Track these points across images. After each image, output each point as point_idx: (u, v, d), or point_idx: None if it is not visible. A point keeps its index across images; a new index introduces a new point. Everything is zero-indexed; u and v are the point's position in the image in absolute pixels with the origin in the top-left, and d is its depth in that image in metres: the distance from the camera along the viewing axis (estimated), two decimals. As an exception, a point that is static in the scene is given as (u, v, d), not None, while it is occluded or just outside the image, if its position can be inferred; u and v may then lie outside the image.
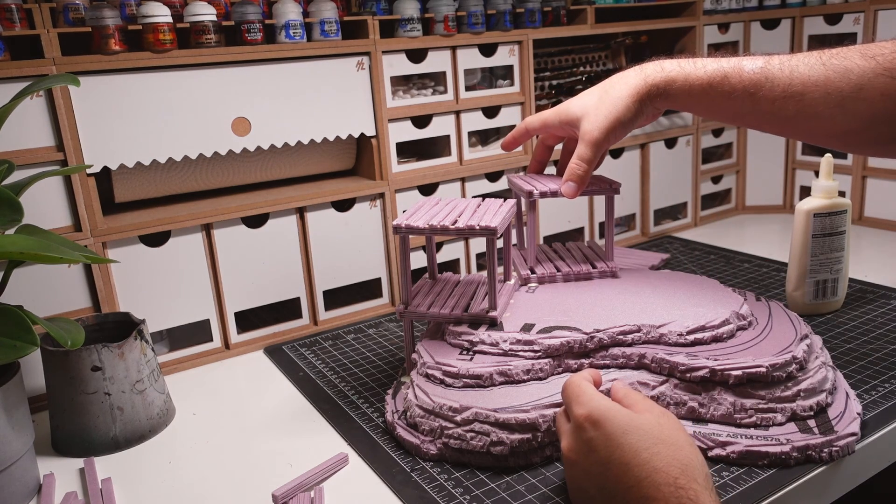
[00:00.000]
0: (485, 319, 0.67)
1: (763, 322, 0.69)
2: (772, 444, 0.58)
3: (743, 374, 0.60)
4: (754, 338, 0.65)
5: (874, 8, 1.15)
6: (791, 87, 0.62)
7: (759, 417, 0.60)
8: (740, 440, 0.59)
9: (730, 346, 0.64)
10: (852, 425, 0.60)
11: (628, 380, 0.62)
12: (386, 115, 0.94)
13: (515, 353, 0.64)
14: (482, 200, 0.73)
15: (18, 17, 0.74)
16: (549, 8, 1.07)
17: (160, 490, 0.62)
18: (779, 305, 0.73)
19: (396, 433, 0.65)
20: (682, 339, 0.64)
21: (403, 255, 0.69)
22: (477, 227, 0.65)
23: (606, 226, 0.78)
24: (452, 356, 0.65)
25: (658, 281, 0.76)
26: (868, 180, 1.21)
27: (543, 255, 0.83)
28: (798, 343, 0.63)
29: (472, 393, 0.61)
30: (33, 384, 0.76)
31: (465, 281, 0.76)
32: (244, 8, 0.83)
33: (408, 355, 0.72)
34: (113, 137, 0.78)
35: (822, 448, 0.58)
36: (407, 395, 0.66)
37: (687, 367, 0.61)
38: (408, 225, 0.67)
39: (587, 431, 0.51)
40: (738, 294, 0.74)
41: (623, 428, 0.49)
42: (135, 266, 0.81)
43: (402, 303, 0.70)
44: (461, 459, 0.61)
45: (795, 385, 0.61)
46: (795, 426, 0.60)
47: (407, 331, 0.73)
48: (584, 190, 0.73)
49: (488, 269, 0.66)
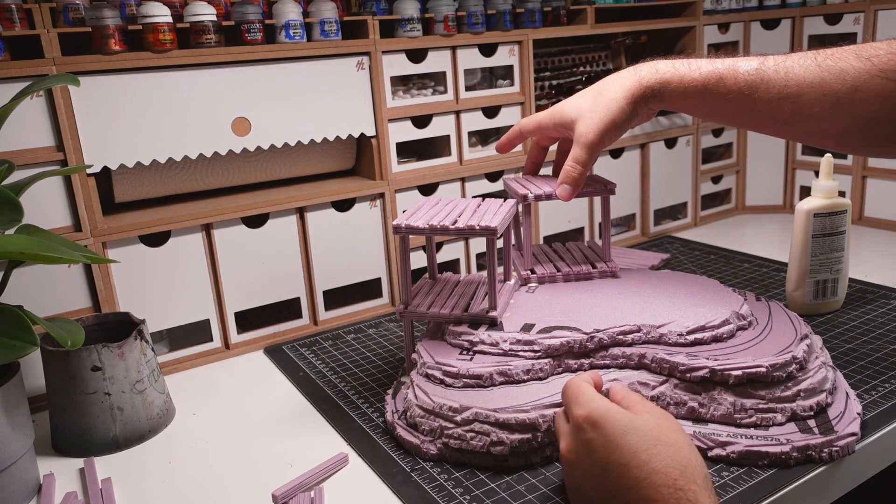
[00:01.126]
0: (485, 319, 0.67)
1: (763, 322, 0.69)
2: (772, 444, 0.58)
3: (743, 374, 0.60)
4: (754, 338, 0.65)
5: (874, 8, 1.15)
6: (786, 89, 0.62)
7: (759, 417, 0.60)
8: (740, 440, 0.59)
9: (730, 346, 0.64)
10: (852, 425, 0.60)
11: (628, 380, 0.62)
12: (386, 115, 0.94)
13: (515, 353, 0.64)
14: (482, 200, 0.73)
15: (18, 17, 0.74)
16: (549, 8, 1.07)
17: (160, 490, 0.62)
18: (779, 305, 0.73)
19: (396, 433, 0.65)
20: (682, 339, 0.64)
21: (403, 255, 0.69)
22: (477, 227, 0.65)
23: (603, 226, 0.78)
24: (452, 356, 0.65)
25: (658, 281, 0.76)
26: (868, 180, 1.21)
27: (543, 256, 0.83)
28: (798, 343, 0.63)
29: (472, 393, 0.61)
30: (33, 384, 0.76)
31: (465, 281, 0.76)
32: (244, 8, 0.83)
33: (408, 355, 0.72)
34: (113, 137, 0.78)
35: (823, 448, 0.58)
36: (407, 396, 0.66)
37: (687, 367, 0.61)
38: (408, 225, 0.67)
39: (586, 432, 0.51)
40: (738, 294, 0.74)
41: (622, 429, 0.49)
42: (135, 266, 0.81)
43: (402, 303, 0.70)
44: (461, 459, 0.61)
45: (795, 385, 0.61)
46: (795, 426, 0.60)
47: (407, 331, 0.73)
48: (580, 192, 0.73)
49: (488, 269, 0.66)
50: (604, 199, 0.78)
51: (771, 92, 0.63)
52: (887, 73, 0.57)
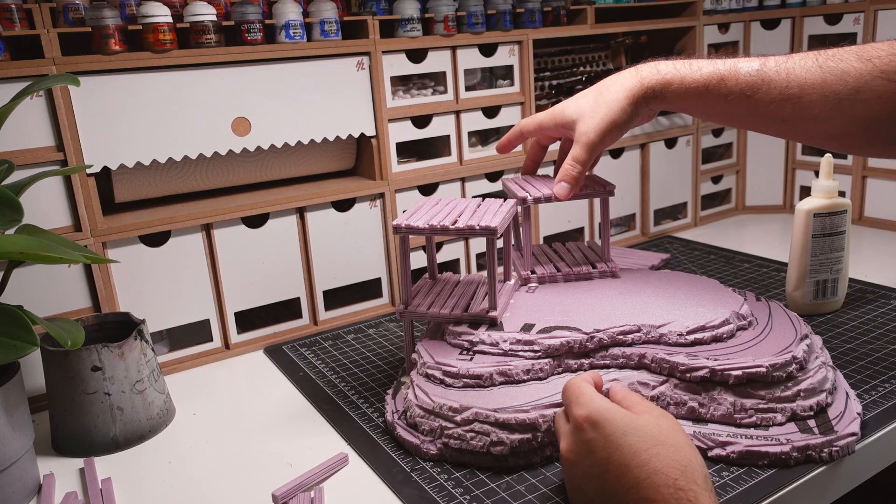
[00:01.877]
0: (485, 319, 0.67)
1: (763, 322, 0.69)
2: (772, 444, 0.58)
3: (743, 374, 0.60)
4: (754, 338, 0.65)
5: (874, 8, 1.15)
6: (788, 90, 0.62)
7: (759, 417, 0.60)
8: (740, 440, 0.59)
9: (730, 346, 0.64)
10: (852, 425, 0.60)
11: (628, 380, 0.62)
12: (386, 115, 0.94)
13: (515, 353, 0.64)
14: (482, 200, 0.73)
15: (18, 17, 0.74)
16: (549, 8, 1.07)
17: (160, 490, 0.62)
18: (779, 305, 0.73)
19: (396, 433, 0.65)
20: (682, 339, 0.64)
21: (403, 255, 0.69)
22: (477, 227, 0.65)
23: (603, 227, 0.78)
24: (452, 356, 0.65)
25: (658, 281, 0.76)
26: (868, 180, 1.21)
27: (543, 256, 0.83)
28: (798, 343, 0.63)
29: (472, 393, 0.61)
30: (33, 384, 0.76)
31: (465, 281, 0.76)
32: (244, 8, 0.83)
33: (408, 355, 0.72)
34: (113, 137, 0.78)
35: (822, 448, 0.58)
36: (407, 395, 0.66)
37: (687, 367, 0.61)
38: (408, 225, 0.67)
39: (586, 432, 0.51)
40: (738, 294, 0.74)
41: (622, 429, 0.49)
42: (135, 266, 0.81)
43: (402, 303, 0.70)
44: (461, 459, 0.61)
45: (795, 385, 0.61)
46: (795, 426, 0.60)
47: (407, 331, 0.72)
48: (579, 192, 0.73)
49: (488, 269, 0.66)
50: (603, 200, 0.78)
51: (772, 93, 0.63)
52: (889, 74, 0.57)
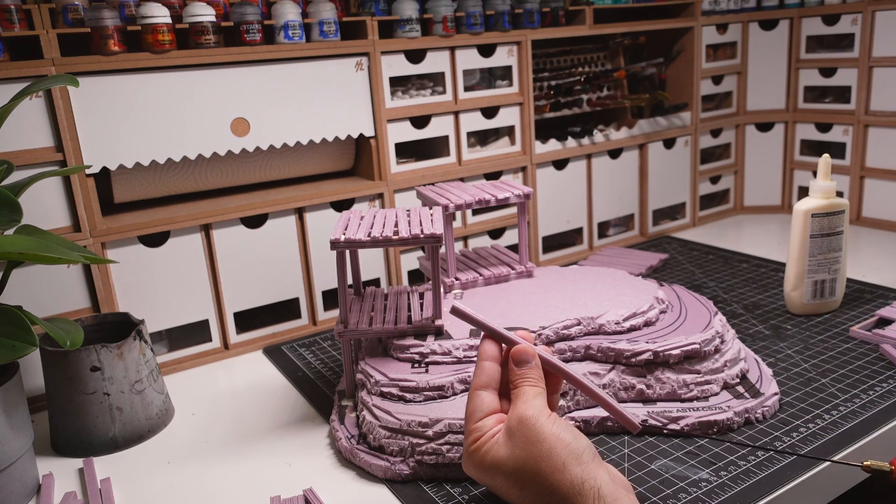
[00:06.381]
0: (431, 329, 0.67)
1: (677, 305, 0.74)
2: (717, 412, 0.63)
3: (681, 353, 0.65)
4: (676, 320, 0.71)
5: (872, 9, 1.15)
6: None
7: (700, 390, 0.65)
8: (690, 413, 0.63)
9: (659, 329, 0.69)
10: (773, 385, 0.68)
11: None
12: (385, 115, 0.94)
13: (470, 359, 0.64)
14: (409, 210, 0.73)
15: (18, 17, 0.74)
16: (547, 8, 1.07)
17: (159, 490, 0.62)
18: (682, 288, 0.79)
19: (360, 459, 0.61)
20: (620, 326, 0.68)
21: (341, 271, 0.65)
22: (422, 236, 0.65)
23: (520, 231, 0.81)
24: (406, 370, 0.64)
25: (574, 276, 0.80)
26: (866, 180, 1.21)
27: (461, 263, 0.85)
28: (714, 318, 0.70)
29: (435, 405, 0.61)
30: (33, 384, 0.77)
31: (392, 292, 0.76)
32: (243, 8, 0.84)
33: (349, 377, 0.69)
34: (112, 138, 0.78)
35: (757, 409, 0.64)
36: (362, 418, 0.64)
37: (631, 352, 0.65)
38: (348, 239, 0.64)
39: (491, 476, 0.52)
40: (649, 281, 0.79)
41: (489, 478, 0.51)
42: (134, 266, 0.81)
43: (340, 322, 0.68)
44: (436, 475, 0.59)
45: (721, 357, 0.67)
46: (729, 394, 0.66)
47: (346, 352, 0.69)
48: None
49: (433, 277, 0.66)
50: (520, 206, 0.80)
51: None
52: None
